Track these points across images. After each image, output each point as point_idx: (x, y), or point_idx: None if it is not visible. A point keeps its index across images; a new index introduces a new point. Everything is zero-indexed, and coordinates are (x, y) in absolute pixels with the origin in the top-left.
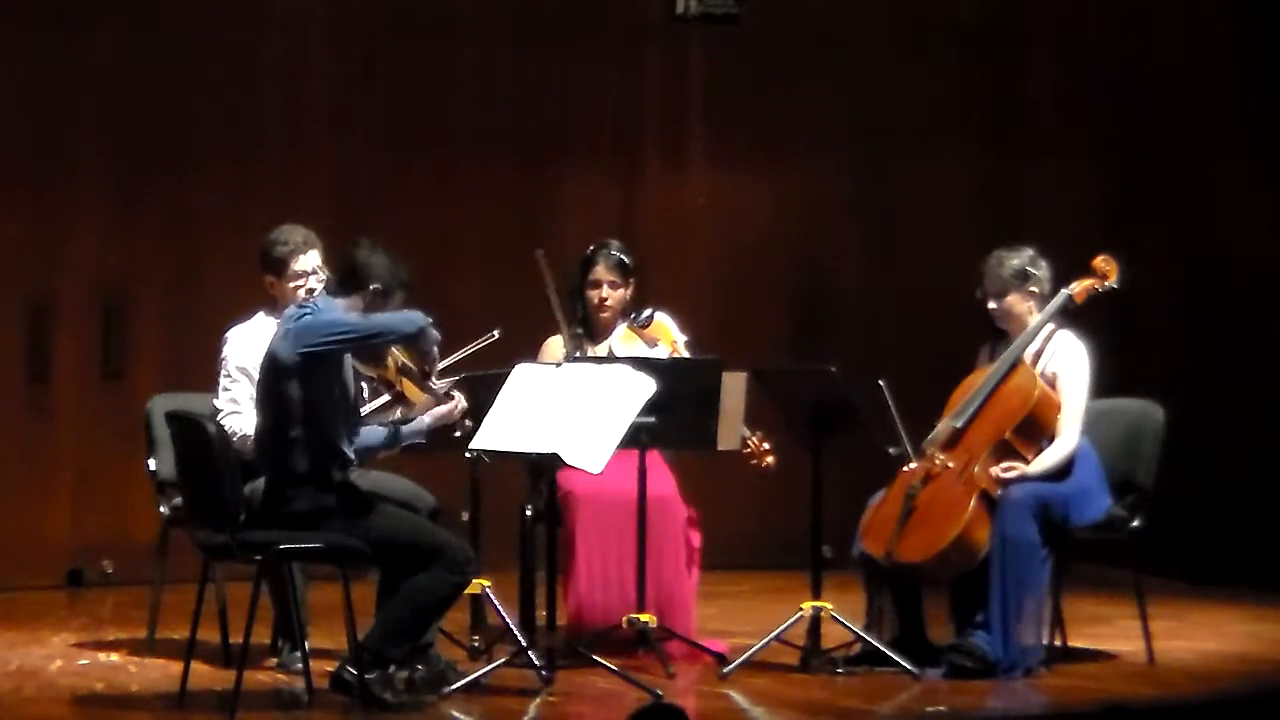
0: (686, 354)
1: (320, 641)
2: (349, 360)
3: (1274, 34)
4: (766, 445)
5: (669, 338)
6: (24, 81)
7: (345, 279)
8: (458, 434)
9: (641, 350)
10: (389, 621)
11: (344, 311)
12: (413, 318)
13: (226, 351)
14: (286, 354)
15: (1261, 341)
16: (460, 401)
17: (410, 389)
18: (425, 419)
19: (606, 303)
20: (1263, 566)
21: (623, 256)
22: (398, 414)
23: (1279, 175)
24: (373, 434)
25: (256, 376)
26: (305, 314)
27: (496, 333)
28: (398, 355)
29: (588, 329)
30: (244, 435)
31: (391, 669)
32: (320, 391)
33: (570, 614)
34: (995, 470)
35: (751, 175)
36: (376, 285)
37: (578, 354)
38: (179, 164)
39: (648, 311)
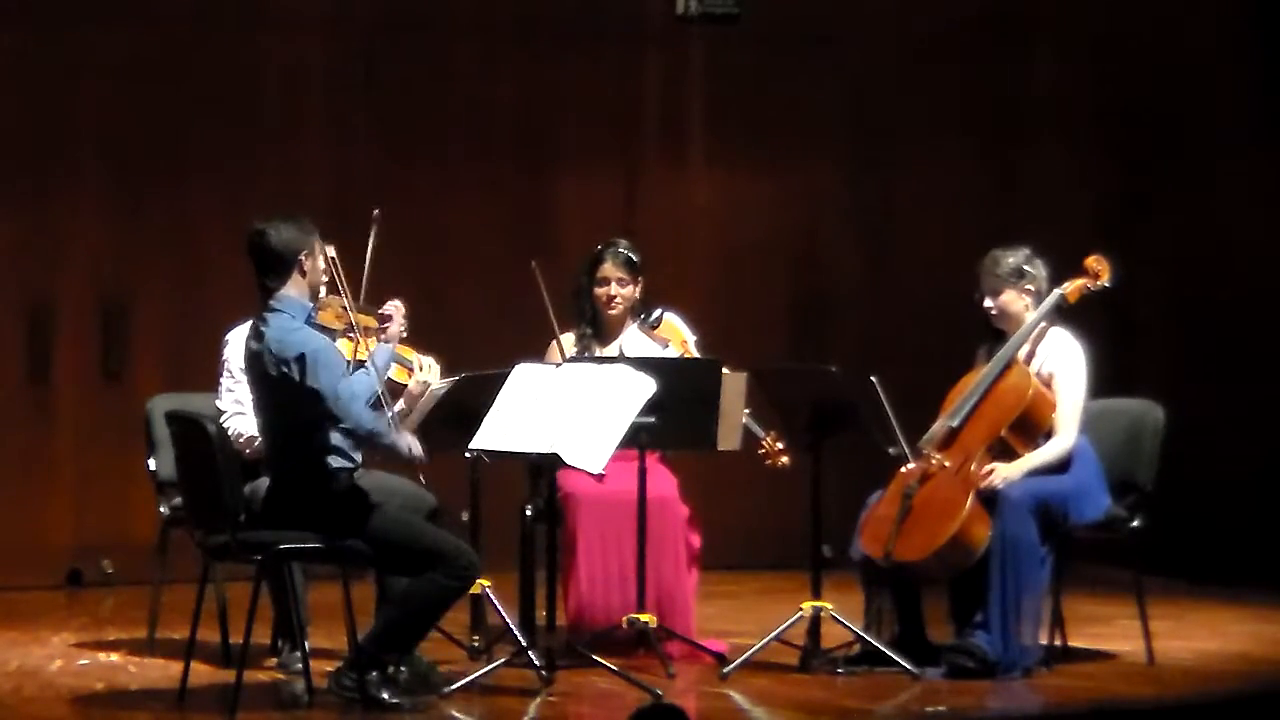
0: (697, 354)
1: (320, 641)
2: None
3: (1274, 33)
4: (781, 445)
5: (679, 337)
6: (24, 81)
7: (276, 267)
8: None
9: (653, 350)
10: (386, 624)
11: (300, 306)
12: (356, 413)
13: (227, 353)
14: (266, 363)
15: (1261, 341)
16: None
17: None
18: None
19: (615, 300)
20: (1263, 566)
21: (631, 254)
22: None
23: (1279, 174)
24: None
25: None
26: (279, 324)
27: (376, 211)
28: (344, 315)
29: (596, 328)
30: (249, 436)
31: (390, 669)
32: (306, 392)
33: (570, 614)
34: (977, 480)
35: (751, 175)
36: (302, 252)
37: (586, 354)
38: (179, 164)
39: (657, 312)
